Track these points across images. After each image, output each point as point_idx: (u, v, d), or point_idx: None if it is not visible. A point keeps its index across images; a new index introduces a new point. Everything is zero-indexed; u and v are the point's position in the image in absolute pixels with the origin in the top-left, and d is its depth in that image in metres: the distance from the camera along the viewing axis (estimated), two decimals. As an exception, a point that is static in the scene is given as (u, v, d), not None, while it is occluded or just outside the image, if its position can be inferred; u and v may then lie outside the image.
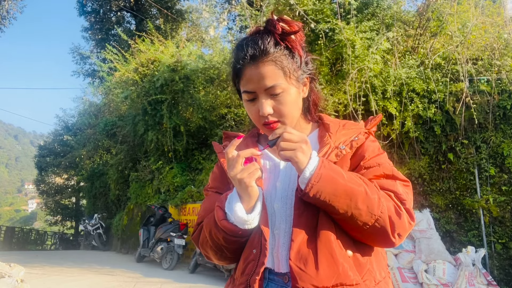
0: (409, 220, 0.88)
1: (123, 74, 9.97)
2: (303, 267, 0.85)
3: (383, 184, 0.91)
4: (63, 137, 20.79)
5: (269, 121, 0.95)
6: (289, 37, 0.95)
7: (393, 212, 0.86)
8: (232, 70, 1.00)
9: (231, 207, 0.90)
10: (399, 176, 0.95)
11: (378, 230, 0.85)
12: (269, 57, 0.92)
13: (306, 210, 0.89)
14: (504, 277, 5.30)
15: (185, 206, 8.53)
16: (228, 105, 8.68)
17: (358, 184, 0.85)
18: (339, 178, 0.85)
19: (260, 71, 0.92)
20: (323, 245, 0.86)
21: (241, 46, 0.96)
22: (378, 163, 0.95)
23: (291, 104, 0.95)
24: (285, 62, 0.93)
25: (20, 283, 4.02)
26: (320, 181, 0.83)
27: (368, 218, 0.84)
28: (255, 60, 0.92)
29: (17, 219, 71.05)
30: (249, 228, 0.90)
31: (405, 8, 7.87)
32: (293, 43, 0.95)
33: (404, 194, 0.91)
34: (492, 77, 5.78)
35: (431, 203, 5.91)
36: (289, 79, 0.94)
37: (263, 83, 0.92)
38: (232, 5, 17.25)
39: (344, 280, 0.84)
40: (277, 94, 0.93)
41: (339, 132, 0.99)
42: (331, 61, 6.43)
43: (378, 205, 0.84)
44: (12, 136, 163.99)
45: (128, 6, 20.28)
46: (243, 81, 0.96)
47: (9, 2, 15.83)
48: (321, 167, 0.85)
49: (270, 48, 0.92)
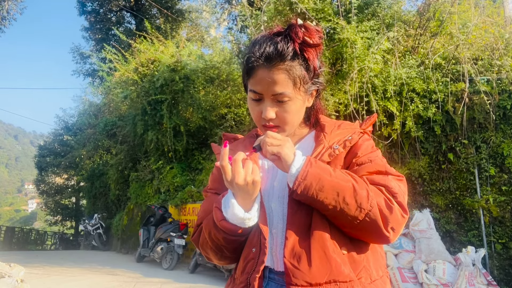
0: (401, 213, 0.88)
1: (123, 74, 9.98)
2: (297, 264, 0.86)
3: (375, 179, 0.91)
4: (63, 137, 20.79)
5: (269, 125, 0.96)
6: (308, 48, 0.94)
7: (384, 205, 0.86)
8: (245, 65, 0.98)
9: (229, 207, 0.90)
10: (392, 171, 0.95)
11: (369, 225, 0.85)
12: (284, 64, 0.92)
13: (299, 209, 0.90)
14: (504, 277, 5.30)
15: (185, 206, 8.53)
16: (228, 105, 8.68)
17: (345, 180, 0.86)
18: (326, 174, 0.86)
19: (271, 76, 0.92)
20: (316, 242, 0.87)
21: (258, 44, 0.94)
22: (370, 160, 0.96)
23: (294, 113, 0.97)
24: (298, 73, 0.93)
25: (20, 283, 4.02)
26: (306, 178, 0.85)
27: (358, 212, 0.84)
28: (269, 63, 0.92)
29: (17, 219, 71.05)
30: (249, 225, 0.91)
31: (406, 8, 7.88)
32: (311, 55, 0.95)
33: (396, 188, 0.90)
34: (492, 77, 5.78)
35: (431, 203, 5.91)
36: (298, 90, 0.95)
37: (272, 88, 0.93)
38: (232, 5, 17.25)
39: (337, 276, 0.84)
40: (283, 102, 0.94)
41: (334, 132, 1.00)
42: (331, 61, 6.43)
43: (367, 199, 0.85)
44: (12, 136, 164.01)
45: (128, 6, 20.27)
46: (252, 80, 0.96)
47: (9, 3, 15.83)
48: (307, 165, 0.87)
49: (287, 56, 0.91)
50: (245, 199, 0.89)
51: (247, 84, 0.99)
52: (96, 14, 20.37)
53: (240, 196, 0.89)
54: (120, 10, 20.79)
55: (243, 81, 1.04)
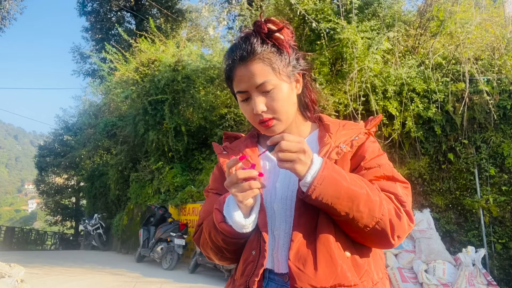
0: (408, 222, 0.88)
1: (124, 74, 9.97)
2: (302, 267, 0.85)
3: (384, 186, 0.91)
4: (63, 137, 20.80)
5: (263, 118, 0.96)
6: (275, 35, 0.97)
7: (394, 214, 0.86)
8: (225, 74, 1.02)
9: (229, 212, 0.90)
10: (399, 177, 0.95)
11: (378, 232, 0.85)
12: (257, 56, 0.94)
13: (306, 211, 0.89)
14: (504, 277, 5.30)
15: (185, 206, 8.52)
16: (228, 105, 8.68)
17: (360, 187, 0.84)
18: (342, 180, 0.83)
19: (249, 69, 0.94)
20: (322, 246, 0.86)
21: (230, 50, 0.99)
22: (378, 164, 0.95)
23: (283, 100, 0.96)
24: (273, 59, 0.95)
25: (20, 283, 4.02)
26: (323, 184, 0.82)
27: (369, 220, 0.84)
28: (243, 60, 0.95)
29: (17, 219, 71.04)
30: (247, 232, 0.91)
31: (406, 8, 7.88)
32: (280, 41, 0.97)
33: (404, 196, 0.91)
34: (492, 77, 5.78)
35: (431, 203, 5.91)
36: (279, 75, 0.96)
37: (254, 81, 0.94)
38: (232, 5, 17.24)
39: (342, 281, 0.84)
40: (269, 91, 0.95)
41: (339, 132, 0.99)
42: (331, 61, 6.43)
43: (379, 208, 0.84)
44: (12, 136, 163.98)
45: (128, 6, 20.28)
46: (235, 82, 0.98)
47: (9, 2, 15.84)
48: (324, 169, 0.83)
49: (257, 48, 0.95)
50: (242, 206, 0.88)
51: (234, 90, 1.01)
52: (96, 14, 20.37)
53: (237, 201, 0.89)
54: (120, 10, 20.79)
55: (230, 90, 1.06)
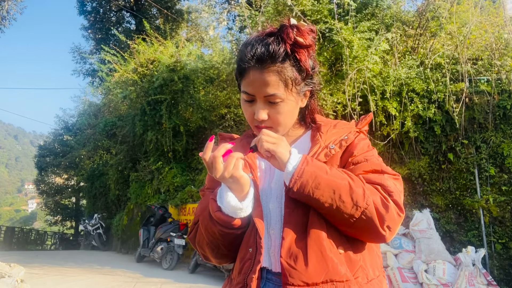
0: (397, 211, 0.88)
1: (122, 74, 9.97)
2: (293, 264, 0.86)
3: (370, 178, 0.91)
4: (63, 137, 20.82)
5: (262, 126, 0.97)
6: (300, 50, 0.94)
7: (380, 204, 0.86)
8: (237, 66, 0.99)
9: (223, 198, 0.91)
10: (388, 170, 0.95)
11: (366, 223, 0.85)
12: (275, 66, 0.92)
13: (296, 208, 0.90)
14: (504, 277, 5.30)
15: (185, 206, 8.53)
16: (227, 105, 8.67)
17: (341, 178, 0.87)
18: (322, 172, 0.86)
19: (263, 77, 0.92)
20: (313, 242, 0.87)
21: (250, 45, 0.94)
22: (366, 159, 0.96)
23: (286, 114, 0.97)
24: (290, 74, 0.93)
25: (20, 283, 4.02)
26: (303, 176, 0.85)
27: (354, 210, 0.84)
28: (260, 64, 0.92)
29: (17, 219, 71.04)
30: (242, 216, 0.91)
31: (405, 8, 7.87)
32: (302, 56, 0.94)
33: (392, 186, 0.90)
34: (492, 77, 5.78)
35: (431, 203, 5.91)
36: (290, 91, 0.95)
37: (264, 90, 0.93)
38: (232, 5, 17.24)
39: (334, 276, 0.84)
40: (275, 103, 0.94)
41: (330, 132, 1.01)
42: (330, 61, 6.42)
43: (363, 197, 0.85)
44: (12, 136, 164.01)
45: (128, 6, 20.27)
46: (245, 81, 0.96)
47: (9, 3, 15.82)
48: (304, 163, 0.87)
49: (278, 57, 0.91)
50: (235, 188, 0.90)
51: (240, 85, 1.00)
52: (96, 13, 20.35)
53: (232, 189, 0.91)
54: (120, 10, 20.77)
55: (236, 81, 1.04)
